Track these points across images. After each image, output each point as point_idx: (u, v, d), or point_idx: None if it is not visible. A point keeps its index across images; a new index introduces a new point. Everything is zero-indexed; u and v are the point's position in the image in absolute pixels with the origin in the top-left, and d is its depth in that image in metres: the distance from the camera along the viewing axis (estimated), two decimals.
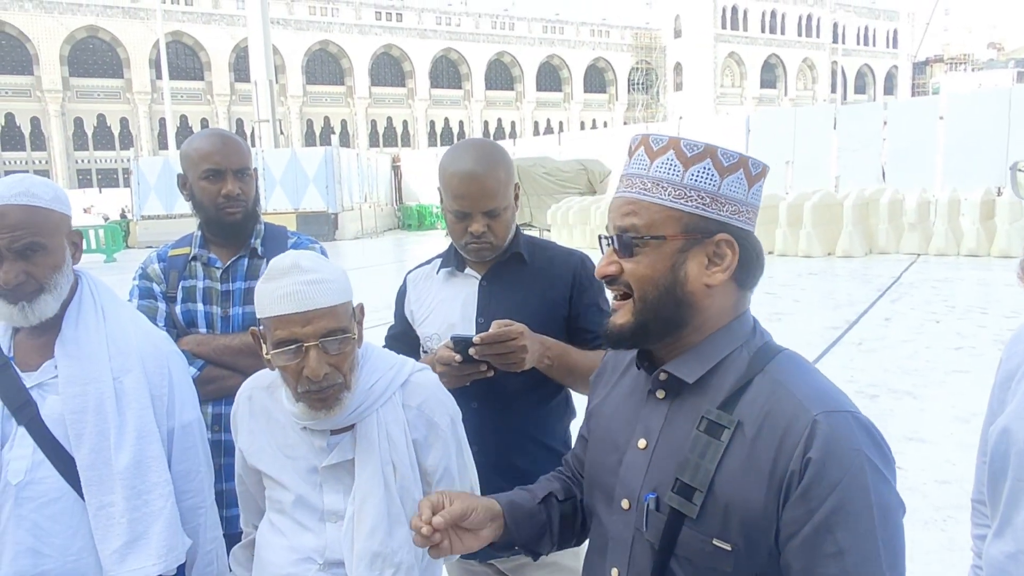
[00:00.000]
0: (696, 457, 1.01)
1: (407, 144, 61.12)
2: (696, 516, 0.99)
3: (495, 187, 1.72)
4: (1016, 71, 74.66)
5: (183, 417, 1.56)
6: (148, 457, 1.46)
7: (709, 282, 1.05)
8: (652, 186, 1.05)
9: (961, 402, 5.38)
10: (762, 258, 1.10)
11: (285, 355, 1.30)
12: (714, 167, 1.04)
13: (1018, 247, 13.32)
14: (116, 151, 51.61)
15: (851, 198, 14.63)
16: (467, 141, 1.81)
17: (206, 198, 2.01)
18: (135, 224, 24.17)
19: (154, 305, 2.02)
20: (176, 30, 52.68)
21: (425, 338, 1.88)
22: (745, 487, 0.97)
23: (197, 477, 1.57)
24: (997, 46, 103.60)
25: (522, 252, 1.84)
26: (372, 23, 60.83)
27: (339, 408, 1.35)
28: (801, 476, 0.94)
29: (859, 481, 0.93)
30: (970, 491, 1.44)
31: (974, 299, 9.46)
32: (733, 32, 70.40)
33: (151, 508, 1.45)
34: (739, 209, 1.06)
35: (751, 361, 1.05)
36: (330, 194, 24.56)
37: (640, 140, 1.10)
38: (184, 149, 2.05)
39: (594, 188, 21.61)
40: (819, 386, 1.01)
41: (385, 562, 1.38)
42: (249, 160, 2.08)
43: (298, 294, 1.28)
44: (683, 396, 1.07)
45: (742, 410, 1.00)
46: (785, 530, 0.96)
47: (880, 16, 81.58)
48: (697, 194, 1.04)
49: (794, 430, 0.96)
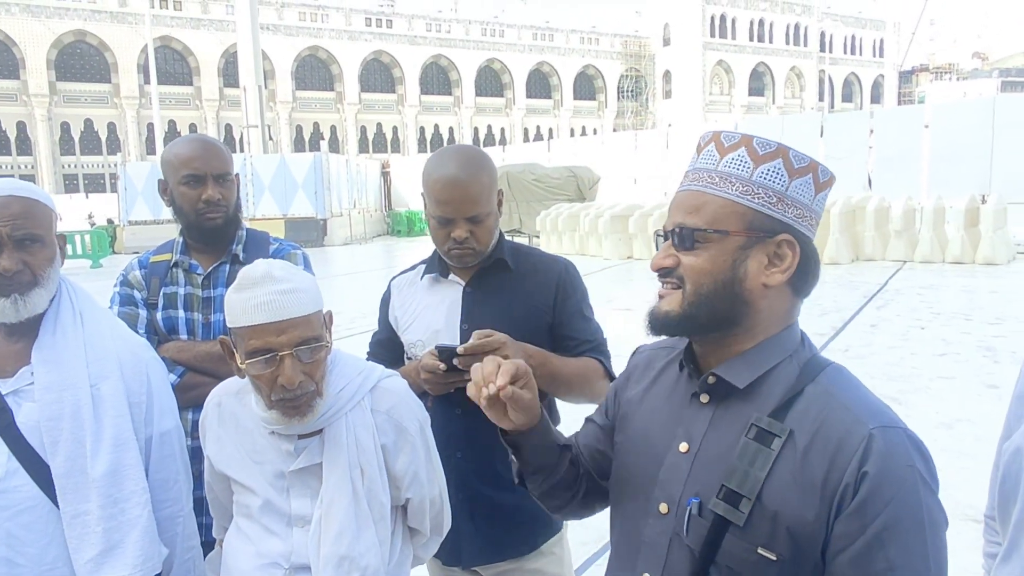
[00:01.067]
0: (745, 465, 0.99)
1: (397, 150, 61.07)
2: (743, 524, 0.98)
3: (478, 193, 1.72)
4: (1000, 81, 75.52)
5: (161, 425, 1.54)
6: (125, 465, 1.45)
7: (767, 282, 1.04)
8: (720, 180, 1.05)
9: (945, 408, 5.42)
10: (819, 267, 1.09)
11: (260, 364, 1.31)
12: (784, 167, 1.04)
13: (1002, 254, 13.45)
14: (103, 156, 51.26)
15: (838, 205, 14.72)
16: (450, 147, 1.81)
17: (186, 204, 2.00)
18: (122, 229, 24.03)
19: (135, 312, 2.01)
20: (165, 35, 52.45)
21: (409, 344, 1.87)
22: (795, 497, 0.96)
23: (175, 486, 1.56)
24: (982, 56, 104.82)
25: (506, 259, 1.83)
26: (362, 29, 60.80)
27: (312, 415, 1.36)
28: (856, 490, 0.93)
29: (912, 498, 0.93)
30: (954, 496, 1.44)
31: (959, 306, 9.53)
32: (721, 40, 70.85)
33: (127, 517, 1.43)
34: (803, 213, 1.05)
35: (801, 372, 1.04)
36: (319, 200, 24.50)
37: (711, 136, 1.09)
38: (165, 155, 2.04)
39: (583, 195, 21.66)
40: (871, 401, 1.01)
41: (352, 565, 1.38)
42: (230, 165, 2.07)
43: (272, 304, 1.29)
44: (729, 401, 1.06)
45: (793, 420, 0.99)
46: (835, 544, 0.95)
47: (867, 25, 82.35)
48: (765, 192, 1.03)
49: (849, 443, 0.95)
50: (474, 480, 1.79)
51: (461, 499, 1.79)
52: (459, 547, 1.81)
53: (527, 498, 1.81)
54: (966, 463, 4.35)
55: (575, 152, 27.16)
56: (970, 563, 3.27)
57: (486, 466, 1.79)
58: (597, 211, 17.51)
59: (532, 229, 20.08)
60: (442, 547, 1.81)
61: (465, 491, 1.79)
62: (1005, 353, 6.94)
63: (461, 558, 1.84)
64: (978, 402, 5.54)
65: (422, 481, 1.51)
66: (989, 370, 6.41)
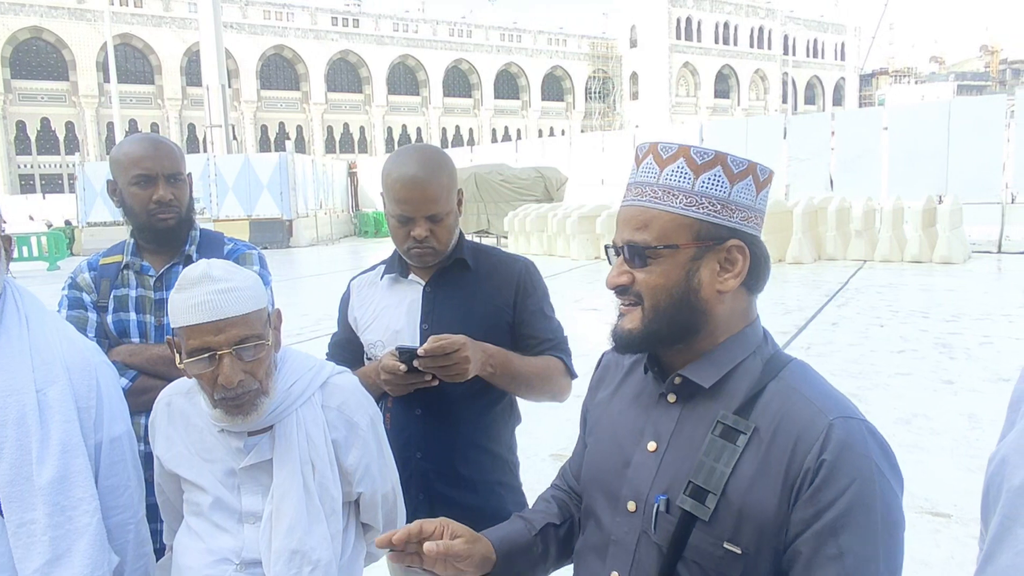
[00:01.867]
0: (711, 461, 1.01)
1: (364, 151, 60.62)
2: (708, 519, 0.99)
3: (437, 192, 1.71)
4: (956, 84, 77.51)
5: (112, 430, 1.50)
6: (73, 472, 1.40)
7: (722, 288, 1.06)
8: (663, 194, 1.06)
9: (902, 404, 5.54)
10: (769, 263, 1.11)
11: (199, 364, 1.31)
12: (724, 174, 1.05)
13: (958, 254, 13.80)
14: (61, 156, 50.05)
15: (801, 206, 14.97)
16: (410, 146, 1.80)
17: (137, 204, 1.95)
18: (80, 231, 23.48)
19: (84, 315, 1.95)
20: (125, 32, 51.39)
21: (369, 345, 1.86)
22: (759, 491, 0.98)
23: (126, 492, 1.52)
24: (939, 60, 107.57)
25: (466, 258, 1.83)
26: (328, 28, 60.24)
27: (256, 414, 1.36)
28: (814, 476, 0.95)
29: (868, 488, 0.94)
30: (910, 489, 1.46)
31: (916, 304, 9.75)
32: (687, 43, 71.63)
33: (75, 525, 1.39)
34: (748, 215, 1.07)
35: (764, 368, 1.07)
36: (284, 201, 24.20)
37: (648, 148, 1.09)
38: (114, 154, 1.99)
39: (551, 195, 21.72)
40: (833, 394, 1.04)
41: (303, 559, 1.38)
42: (182, 164, 2.02)
43: (209, 304, 1.30)
44: (696, 400, 1.08)
45: (757, 416, 1.01)
46: (792, 530, 0.97)
47: (828, 29, 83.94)
48: (708, 201, 1.04)
49: (809, 433, 0.97)
50: (434, 480, 1.79)
51: (422, 500, 1.79)
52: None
53: (489, 498, 1.81)
54: (922, 457, 4.45)
55: (543, 153, 27.22)
56: (926, 555, 3.35)
57: (446, 466, 1.78)
58: (565, 212, 17.58)
59: (500, 230, 20.07)
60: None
61: (426, 492, 1.79)
62: (960, 350, 7.12)
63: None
64: (935, 397, 5.67)
65: (374, 475, 1.52)
66: (945, 366, 6.57)
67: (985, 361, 6.66)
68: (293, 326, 9.08)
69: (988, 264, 13.71)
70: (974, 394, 5.70)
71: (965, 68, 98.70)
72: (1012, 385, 1.31)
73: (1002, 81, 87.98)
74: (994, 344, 7.29)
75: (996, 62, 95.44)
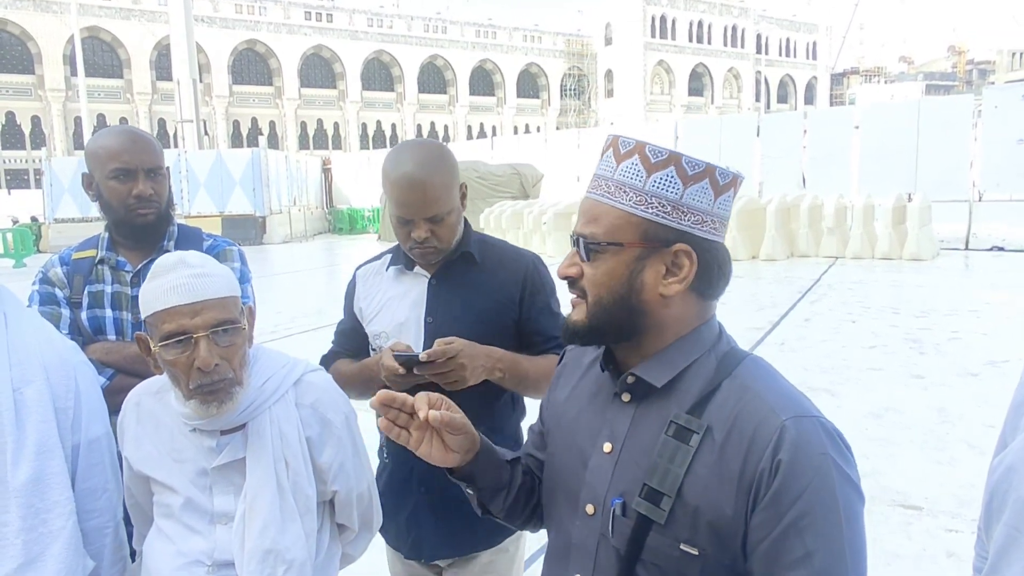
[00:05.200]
0: (665, 462, 1.00)
1: (338, 147, 60.15)
2: (664, 522, 0.98)
3: (437, 193, 1.67)
4: (924, 84, 78.85)
5: (90, 432, 1.46)
6: (48, 474, 1.37)
7: (664, 292, 1.03)
8: (615, 190, 1.03)
9: (874, 398, 5.62)
10: (726, 269, 1.07)
11: (174, 348, 1.29)
12: (677, 175, 1.02)
13: (927, 251, 14.05)
14: (27, 151, 48.99)
15: (774, 203, 15.14)
16: (409, 144, 1.74)
17: (115, 199, 1.90)
18: (47, 227, 23.01)
19: (57, 311, 1.90)
20: (92, 25, 50.45)
21: (373, 335, 1.84)
22: (714, 491, 0.97)
23: (104, 495, 1.48)
24: (908, 60, 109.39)
25: (472, 252, 1.80)
26: (301, 23, 59.66)
27: (231, 404, 1.34)
28: (772, 479, 0.94)
29: (827, 484, 0.93)
30: (881, 483, 1.47)
31: (887, 300, 9.91)
32: (662, 41, 72.04)
33: (49, 528, 1.36)
34: (703, 219, 1.03)
35: (718, 366, 1.05)
36: (257, 197, 23.94)
37: (611, 141, 1.07)
38: (90, 147, 1.94)
39: (527, 192, 21.72)
40: (786, 391, 1.02)
41: (277, 559, 1.36)
42: (161, 159, 1.98)
43: (185, 286, 1.29)
44: (650, 400, 1.06)
45: (711, 415, 1.00)
46: (753, 535, 0.96)
47: (800, 29, 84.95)
48: (658, 201, 1.01)
49: (763, 434, 0.96)
50: (435, 475, 1.76)
51: (423, 494, 1.77)
52: (420, 542, 1.80)
53: None
54: (893, 451, 4.52)
55: (519, 150, 27.18)
56: (897, 547, 3.41)
57: None
58: (541, 209, 17.60)
59: (476, 226, 20.00)
60: (404, 541, 1.81)
61: (426, 486, 1.77)
62: (930, 345, 7.25)
63: (422, 552, 1.82)
64: (905, 392, 5.77)
65: (348, 473, 1.50)
66: (915, 361, 6.68)
67: (954, 356, 6.79)
68: (267, 323, 8.98)
69: (956, 261, 13.97)
70: (943, 388, 5.79)
71: (933, 68, 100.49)
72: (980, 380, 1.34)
73: (969, 81, 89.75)
74: (962, 339, 7.43)
75: (963, 63, 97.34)
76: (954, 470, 4.22)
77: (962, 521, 3.59)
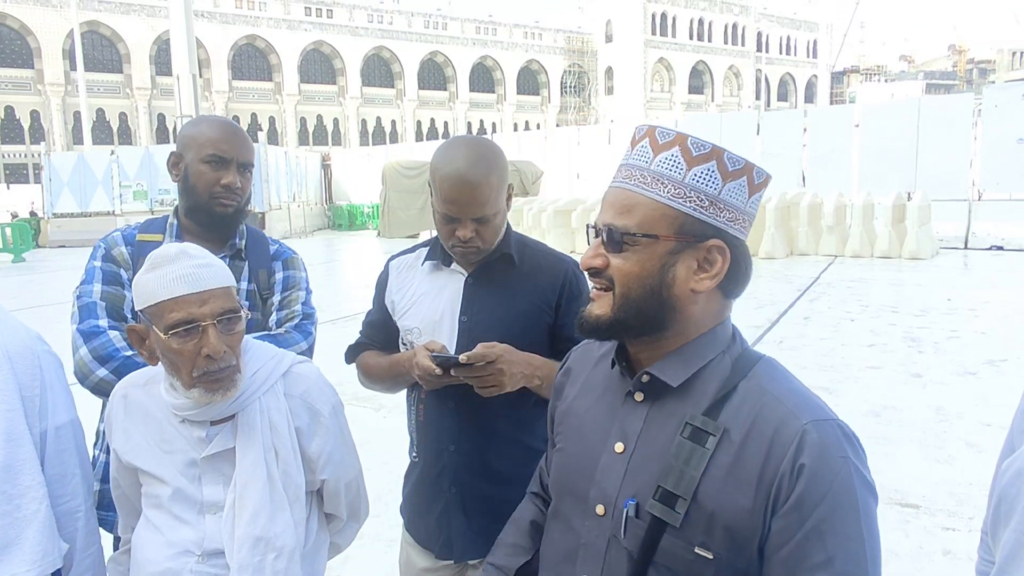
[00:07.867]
0: (680, 464, 0.98)
1: (338, 143, 60.08)
2: (679, 525, 0.97)
3: (487, 195, 1.63)
4: (925, 83, 78.83)
5: (56, 419, 1.47)
6: (19, 460, 1.38)
7: (696, 287, 1.02)
8: (652, 181, 1.01)
9: (873, 396, 5.63)
10: (750, 269, 1.07)
11: (182, 337, 1.30)
12: (718, 170, 1.00)
13: (926, 249, 14.06)
14: (26, 145, 48.93)
15: (773, 201, 15.13)
16: (462, 140, 1.69)
17: (202, 183, 1.89)
18: (46, 222, 22.98)
19: (120, 293, 1.85)
20: (92, 20, 50.33)
21: (405, 330, 1.81)
22: (731, 495, 0.96)
23: (72, 480, 1.50)
24: (908, 58, 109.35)
25: (511, 253, 1.76)
26: (302, 19, 59.53)
27: (234, 390, 1.36)
28: (793, 483, 0.93)
29: (847, 488, 0.93)
30: (879, 480, 1.46)
31: (886, 298, 9.91)
32: (662, 38, 71.98)
33: (23, 513, 1.37)
34: (736, 216, 1.02)
35: (734, 367, 1.04)
36: (257, 193, 23.92)
37: (646, 131, 1.05)
38: (188, 130, 1.93)
39: (526, 189, 21.73)
40: (804, 394, 1.01)
41: (267, 546, 1.38)
42: (253, 157, 1.99)
43: (193, 276, 1.31)
44: (664, 400, 1.05)
45: (728, 417, 0.99)
46: (774, 540, 0.95)
47: (801, 27, 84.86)
48: (697, 195, 1.00)
49: (783, 438, 0.95)
50: (466, 474, 1.75)
51: (454, 493, 1.75)
52: (451, 540, 1.78)
53: (522, 492, 1.79)
54: (891, 449, 4.53)
55: (518, 147, 27.15)
56: (895, 545, 3.41)
57: (478, 460, 1.74)
58: (540, 205, 17.60)
59: None
60: (435, 541, 1.79)
61: (458, 485, 1.75)
62: (928, 343, 7.26)
63: (453, 551, 1.80)
64: (904, 390, 5.77)
65: (336, 463, 1.52)
66: (914, 359, 6.69)
67: (952, 355, 6.79)
68: None
69: (955, 260, 13.97)
70: (942, 387, 5.80)
71: (934, 67, 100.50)
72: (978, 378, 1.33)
73: (969, 80, 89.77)
74: (961, 338, 7.43)
75: (964, 61, 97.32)
76: (952, 468, 4.22)
77: (959, 519, 3.60)
